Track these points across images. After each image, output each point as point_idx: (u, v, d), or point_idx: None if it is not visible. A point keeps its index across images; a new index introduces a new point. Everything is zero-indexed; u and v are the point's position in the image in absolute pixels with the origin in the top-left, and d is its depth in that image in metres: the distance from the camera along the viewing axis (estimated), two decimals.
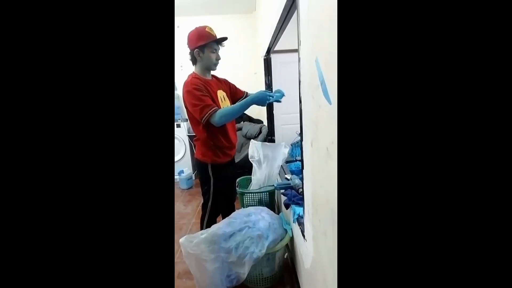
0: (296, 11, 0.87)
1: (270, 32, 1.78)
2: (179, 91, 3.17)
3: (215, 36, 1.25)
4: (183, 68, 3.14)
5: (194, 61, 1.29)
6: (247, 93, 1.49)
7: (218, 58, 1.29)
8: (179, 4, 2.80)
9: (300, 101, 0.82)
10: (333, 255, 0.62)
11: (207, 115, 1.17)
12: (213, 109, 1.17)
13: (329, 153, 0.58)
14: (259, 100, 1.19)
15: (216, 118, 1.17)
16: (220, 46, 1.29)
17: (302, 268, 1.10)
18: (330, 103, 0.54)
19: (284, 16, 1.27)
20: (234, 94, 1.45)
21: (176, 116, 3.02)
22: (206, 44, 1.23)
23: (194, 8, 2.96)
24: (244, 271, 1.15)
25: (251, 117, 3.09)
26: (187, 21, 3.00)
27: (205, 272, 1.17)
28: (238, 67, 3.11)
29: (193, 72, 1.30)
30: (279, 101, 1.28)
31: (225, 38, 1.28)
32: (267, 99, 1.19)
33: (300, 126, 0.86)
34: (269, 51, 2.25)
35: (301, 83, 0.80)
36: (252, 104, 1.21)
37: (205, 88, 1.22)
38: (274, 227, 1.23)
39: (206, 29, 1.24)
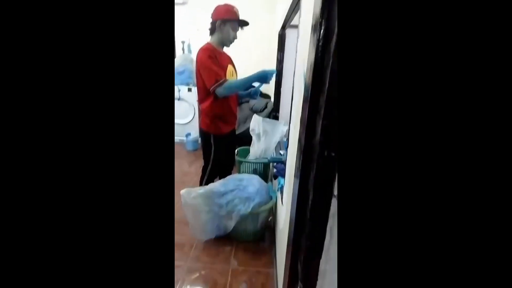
0: None
1: (286, 8, 1.79)
2: (193, 54, 3.26)
3: (239, 18, 1.36)
4: (199, 30, 3.16)
5: (212, 31, 1.40)
6: None
7: (235, 37, 1.40)
8: None
9: (293, 89, 0.94)
10: None
11: (216, 84, 1.31)
12: (223, 79, 1.31)
13: None
14: (262, 78, 1.35)
15: (221, 89, 1.32)
16: (239, 27, 1.39)
17: (278, 228, 1.31)
18: None
19: None
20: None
21: (188, 80, 3.13)
22: (230, 19, 1.33)
23: None
24: (231, 224, 1.38)
25: (261, 91, 3.16)
26: None
27: (199, 220, 1.41)
28: (253, 41, 3.10)
29: (208, 42, 1.41)
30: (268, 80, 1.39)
31: (247, 23, 1.39)
32: (268, 78, 1.36)
33: (290, 110, 0.99)
34: (284, 27, 2.24)
35: (295, 73, 0.91)
36: (254, 81, 1.37)
37: (216, 58, 1.34)
38: (261, 193, 1.43)
39: (235, 9, 1.35)
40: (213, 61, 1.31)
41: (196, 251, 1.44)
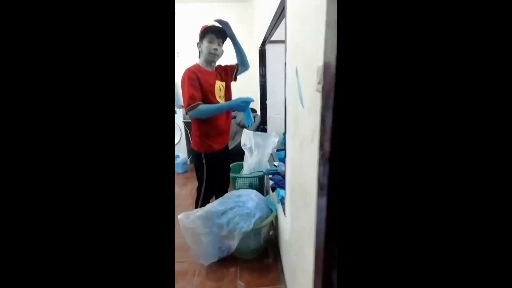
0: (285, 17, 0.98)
1: (266, 24, 1.87)
2: (175, 78, 3.27)
3: (212, 26, 1.34)
4: (179, 54, 3.20)
5: (199, 54, 1.42)
6: (237, 65, 1.58)
7: (216, 49, 1.36)
8: None
9: (285, 101, 0.96)
10: (304, 227, 0.78)
11: (188, 107, 1.31)
12: (195, 103, 1.31)
13: (302, 146, 0.73)
14: (236, 106, 1.35)
15: (192, 113, 1.32)
16: (219, 39, 1.37)
17: (282, 240, 1.29)
18: (303, 106, 0.69)
19: (279, 12, 1.37)
20: (227, 72, 1.54)
21: None
22: (204, 35, 1.34)
23: None
24: (234, 243, 1.33)
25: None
26: (184, 8, 3.03)
27: (200, 244, 1.35)
28: (234, 56, 3.18)
29: (196, 63, 1.42)
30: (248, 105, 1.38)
31: (222, 29, 1.36)
32: (244, 106, 1.35)
33: (284, 121, 1.01)
34: (264, 43, 2.33)
35: (286, 85, 0.94)
36: (229, 109, 1.37)
37: (198, 79, 1.33)
38: (261, 207, 1.40)
39: (208, 24, 1.35)
40: (191, 82, 1.31)
41: (199, 277, 1.37)
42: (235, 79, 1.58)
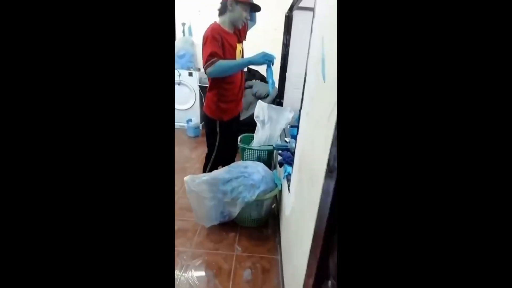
0: None
1: None
2: (194, 37, 3.14)
3: (255, 4, 1.31)
4: (201, 12, 3.03)
5: (222, 11, 1.31)
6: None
7: (247, 17, 1.32)
8: None
9: (306, 73, 0.89)
10: (306, 208, 0.77)
11: (207, 63, 1.25)
12: (213, 59, 1.24)
13: (317, 124, 0.68)
14: (258, 62, 1.28)
15: (210, 69, 1.25)
16: (248, 13, 1.31)
17: (283, 215, 1.31)
18: (324, 80, 0.63)
19: None
20: (240, 31, 1.45)
21: (189, 64, 3.04)
22: (241, 2, 1.26)
23: None
24: (235, 211, 1.37)
25: (264, 76, 3.08)
26: None
27: (203, 207, 1.40)
28: (259, 21, 2.98)
29: (215, 22, 1.33)
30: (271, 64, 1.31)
31: (258, 7, 1.33)
32: (265, 62, 1.28)
33: (301, 95, 0.95)
34: (292, 8, 2.14)
35: (309, 56, 0.86)
36: (250, 64, 1.30)
37: (221, 39, 1.27)
38: (266, 180, 1.41)
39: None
40: (213, 42, 1.24)
41: (199, 237, 1.44)
42: (245, 38, 1.52)
